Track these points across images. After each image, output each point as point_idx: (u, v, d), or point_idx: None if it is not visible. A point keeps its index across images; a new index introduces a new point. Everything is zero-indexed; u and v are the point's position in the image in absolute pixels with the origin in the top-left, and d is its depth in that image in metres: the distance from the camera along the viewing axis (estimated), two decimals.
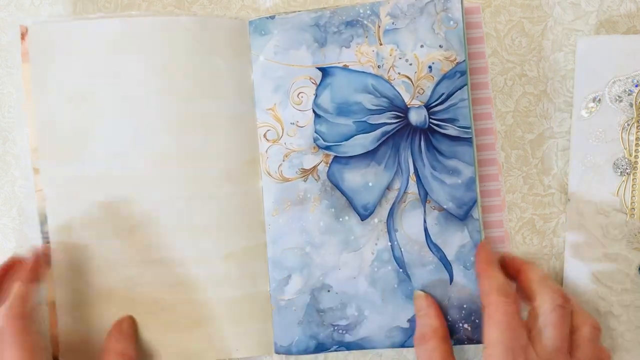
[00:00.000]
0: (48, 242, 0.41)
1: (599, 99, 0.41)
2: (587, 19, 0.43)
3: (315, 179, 0.41)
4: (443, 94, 0.40)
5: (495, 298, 0.36)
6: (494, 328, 0.35)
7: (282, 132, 0.42)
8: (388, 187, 0.41)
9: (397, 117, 0.41)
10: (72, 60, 0.41)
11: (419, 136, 0.41)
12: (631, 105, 0.40)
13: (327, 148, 0.41)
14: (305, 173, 0.42)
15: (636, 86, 0.40)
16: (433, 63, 0.41)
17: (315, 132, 0.42)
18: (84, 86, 0.41)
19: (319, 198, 0.41)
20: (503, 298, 0.36)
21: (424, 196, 0.41)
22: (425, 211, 0.41)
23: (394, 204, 0.41)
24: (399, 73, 0.41)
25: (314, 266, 0.42)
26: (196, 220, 0.42)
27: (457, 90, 0.40)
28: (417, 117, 0.41)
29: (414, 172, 0.41)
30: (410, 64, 0.41)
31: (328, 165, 0.41)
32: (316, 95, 0.42)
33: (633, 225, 0.40)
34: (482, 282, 0.38)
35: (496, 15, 0.43)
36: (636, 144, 0.40)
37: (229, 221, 0.42)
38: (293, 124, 0.42)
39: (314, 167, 0.42)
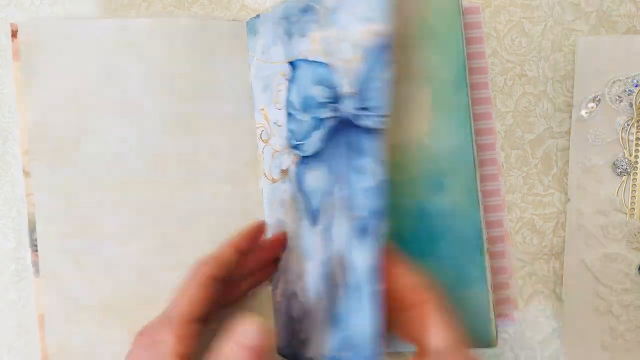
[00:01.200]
0: (36, 251, 0.39)
1: (599, 99, 0.41)
2: (587, 19, 0.43)
3: (290, 181, 0.39)
4: (367, 76, 0.34)
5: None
6: None
7: (270, 133, 0.40)
8: (330, 191, 0.36)
9: (337, 109, 0.36)
10: (65, 60, 0.40)
11: (346, 130, 0.35)
12: (631, 105, 0.40)
13: (295, 147, 0.38)
14: (284, 174, 0.39)
15: (636, 86, 0.40)
16: (363, 41, 0.34)
17: (288, 130, 0.38)
18: (77, 87, 0.40)
19: (292, 201, 0.38)
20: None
21: (349, 203, 0.34)
22: (349, 221, 0.34)
23: (332, 210, 0.36)
24: (341, 58, 0.35)
25: (289, 272, 0.39)
26: (196, 223, 0.42)
27: (379, 71, 0.33)
28: (345, 108, 0.35)
29: (343, 173, 0.35)
30: (350, 46, 0.35)
31: (296, 165, 0.38)
32: (288, 92, 0.38)
33: (633, 225, 0.40)
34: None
35: (496, 15, 0.43)
36: (636, 144, 0.40)
37: (230, 223, 0.42)
38: (275, 123, 0.39)
39: (287, 168, 0.39)
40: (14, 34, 0.40)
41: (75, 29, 0.41)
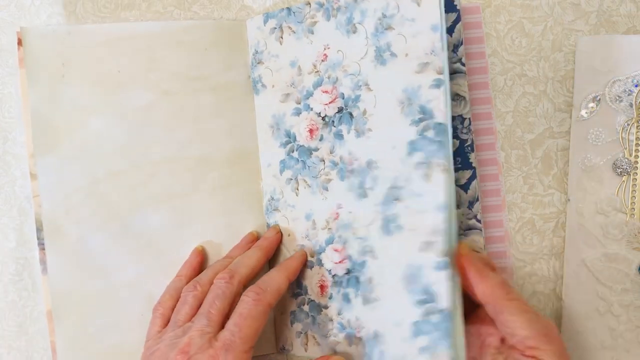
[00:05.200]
0: (44, 249, 0.41)
1: (599, 99, 0.41)
2: (587, 19, 0.43)
3: None
4: None
5: (510, 300, 0.34)
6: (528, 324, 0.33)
7: None
8: None
9: None
10: (69, 67, 0.41)
11: None
12: (631, 105, 0.40)
13: None
14: None
15: (636, 86, 0.40)
16: None
17: None
18: (81, 93, 0.41)
19: None
20: (517, 298, 0.34)
21: None
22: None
23: None
24: None
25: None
26: (199, 218, 0.42)
27: None
28: None
29: None
30: None
31: None
32: None
33: (633, 225, 0.40)
34: (489, 288, 0.35)
35: (496, 15, 0.43)
36: (636, 144, 0.40)
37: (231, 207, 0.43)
38: None
39: None
40: (20, 42, 0.41)
41: (78, 36, 0.41)
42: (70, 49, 0.41)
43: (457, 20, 0.40)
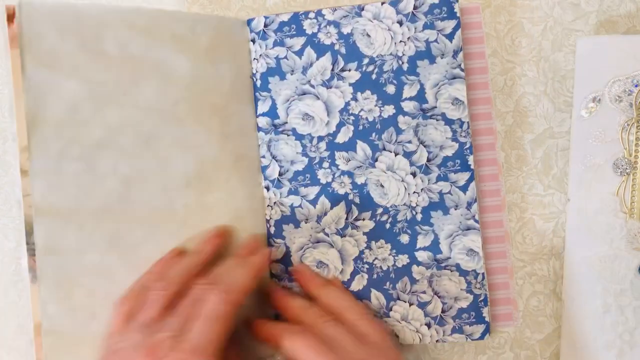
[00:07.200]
0: (34, 255, 0.36)
1: (599, 99, 0.41)
2: (587, 19, 0.43)
3: None
4: None
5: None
6: None
7: None
8: None
9: None
10: (71, 47, 0.36)
11: None
12: (631, 105, 0.40)
13: None
14: None
15: (636, 86, 0.40)
16: None
17: None
18: (86, 87, 0.37)
19: None
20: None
21: None
22: None
23: None
24: None
25: None
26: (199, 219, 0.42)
27: None
28: None
29: None
30: None
31: None
32: None
33: (633, 225, 0.40)
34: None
35: (496, 15, 0.43)
36: (636, 144, 0.40)
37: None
38: None
39: None
40: (10, 19, 0.35)
41: (78, 10, 0.37)
42: (72, 25, 0.37)
43: (457, 27, 0.41)
